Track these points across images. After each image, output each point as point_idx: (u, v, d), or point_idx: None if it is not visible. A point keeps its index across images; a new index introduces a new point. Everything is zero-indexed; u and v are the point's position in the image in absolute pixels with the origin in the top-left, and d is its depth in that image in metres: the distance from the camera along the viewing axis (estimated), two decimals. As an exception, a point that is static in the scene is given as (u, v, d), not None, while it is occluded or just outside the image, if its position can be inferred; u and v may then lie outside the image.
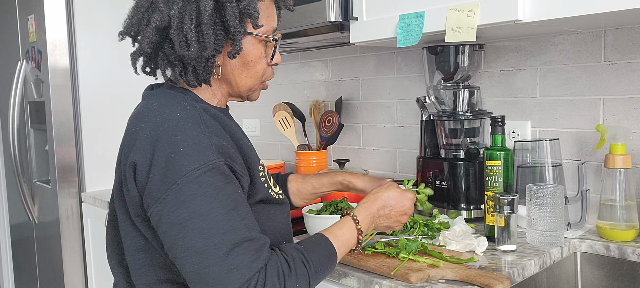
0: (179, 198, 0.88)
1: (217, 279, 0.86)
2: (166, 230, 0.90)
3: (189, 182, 0.89)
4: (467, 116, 1.62)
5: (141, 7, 1.01)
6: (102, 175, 2.42)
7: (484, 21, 1.29)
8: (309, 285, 0.96)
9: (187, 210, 0.88)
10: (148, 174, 0.91)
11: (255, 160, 1.05)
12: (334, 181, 1.36)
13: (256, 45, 1.05)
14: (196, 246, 0.87)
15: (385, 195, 1.16)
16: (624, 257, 1.35)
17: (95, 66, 2.37)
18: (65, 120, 2.35)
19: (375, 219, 1.14)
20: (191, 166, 0.89)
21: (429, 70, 1.70)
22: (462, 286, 1.12)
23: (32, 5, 2.39)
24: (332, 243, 1.03)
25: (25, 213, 2.66)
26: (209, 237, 0.87)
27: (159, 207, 0.90)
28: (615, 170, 1.37)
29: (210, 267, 0.87)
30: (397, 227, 1.19)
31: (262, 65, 1.07)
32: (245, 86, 1.07)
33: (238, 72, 1.05)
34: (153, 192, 0.90)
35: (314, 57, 2.30)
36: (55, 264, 2.45)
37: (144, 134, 0.94)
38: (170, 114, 0.94)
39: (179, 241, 0.88)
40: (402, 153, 2.02)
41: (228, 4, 0.97)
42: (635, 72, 1.45)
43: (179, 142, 0.91)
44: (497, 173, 1.39)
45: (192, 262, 0.88)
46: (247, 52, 1.03)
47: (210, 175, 0.90)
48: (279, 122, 2.16)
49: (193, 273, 0.88)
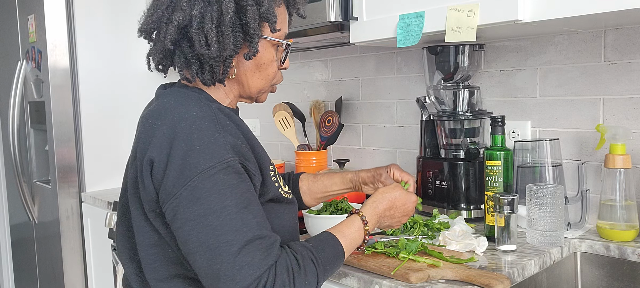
0: (194, 195, 0.91)
1: (228, 276, 0.88)
2: (180, 225, 0.92)
3: (204, 180, 0.91)
4: (467, 116, 1.62)
5: (161, 5, 1.03)
6: (102, 175, 2.42)
7: (484, 21, 1.29)
8: (318, 282, 0.98)
9: (202, 206, 0.90)
10: (165, 171, 0.93)
11: (267, 160, 1.07)
12: (345, 179, 1.38)
13: (269, 48, 1.08)
14: (209, 242, 0.89)
15: (392, 196, 1.19)
16: (624, 257, 1.35)
17: (95, 66, 2.37)
18: (65, 120, 2.35)
19: (380, 219, 1.17)
20: (207, 164, 0.91)
21: (429, 70, 1.70)
22: (462, 286, 1.12)
23: (32, 5, 2.39)
24: (340, 242, 1.05)
25: (25, 213, 2.66)
26: (222, 234, 0.90)
27: (174, 203, 0.92)
28: (615, 170, 1.37)
29: (222, 264, 0.89)
30: (397, 226, 1.23)
31: (273, 68, 1.11)
32: (256, 88, 1.11)
33: (250, 73, 1.08)
34: (169, 188, 0.92)
35: (314, 57, 2.30)
36: (55, 264, 2.45)
37: (160, 131, 0.96)
38: (187, 112, 0.97)
39: (193, 237, 0.90)
40: (402, 153, 2.02)
41: (249, 8, 1.00)
42: (635, 72, 1.45)
43: (195, 140, 0.93)
44: (497, 173, 1.39)
45: (204, 257, 0.90)
46: (261, 54, 1.07)
47: (225, 174, 0.92)
48: (279, 122, 2.16)
49: (205, 268, 0.90)
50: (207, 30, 0.99)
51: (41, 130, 2.49)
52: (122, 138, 2.42)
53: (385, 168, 1.35)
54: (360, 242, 1.11)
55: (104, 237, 2.18)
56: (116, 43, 2.40)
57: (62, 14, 2.31)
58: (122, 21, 2.41)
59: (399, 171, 1.33)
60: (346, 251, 1.06)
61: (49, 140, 2.38)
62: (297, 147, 2.16)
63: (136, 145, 1.01)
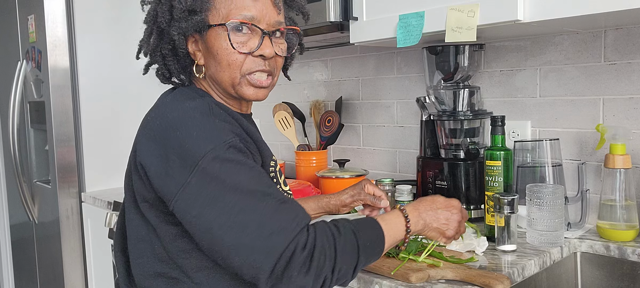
0: (204, 179, 0.88)
1: (261, 246, 0.87)
2: (199, 212, 0.89)
3: (210, 162, 0.89)
4: (467, 116, 1.62)
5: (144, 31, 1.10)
6: (102, 175, 2.42)
7: (484, 21, 1.29)
8: (358, 257, 0.96)
9: (216, 187, 0.88)
10: (165, 164, 0.91)
11: (268, 155, 1.05)
12: (320, 204, 1.37)
13: (219, 36, 1.01)
14: (233, 219, 0.87)
15: (431, 197, 1.17)
16: (624, 257, 1.35)
17: (95, 66, 2.37)
18: (65, 120, 2.35)
19: (422, 214, 1.12)
20: (208, 147, 0.90)
21: (429, 70, 1.70)
22: (462, 286, 1.12)
23: (32, 5, 2.39)
24: (381, 226, 1.03)
25: (25, 213, 2.66)
26: (244, 207, 0.88)
27: (184, 194, 0.89)
28: (615, 170, 1.37)
29: (252, 236, 0.87)
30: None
31: (232, 56, 1.01)
32: (225, 81, 1.04)
33: (214, 68, 1.04)
34: (175, 179, 0.90)
35: (314, 57, 2.30)
36: (55, 264, 2.45)
37: (154, 123, 0.96)
38: (180, 105, 0.98)
39: (214, 220, 0.88)
40: (402, 153, 2.02)
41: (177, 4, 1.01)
42: (635, 72, 1.45)
43: (190, 128, 0.92)
44: (497, 173, 1.39)
45: (231, 235, 0.87)
46: (210, 44, 1.02)
47: (230, 152, 0.91)
48: (279, 122, 2.16)
49: (235, 246, 0.87)
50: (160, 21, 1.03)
51: (41, 130, 2.49)
52: (122, 138, 2.41)
53: (359, 186, 1.33)
54: (401, 236, 1.07)
55: (104, 237, 2.18)
56: (116, 43, 2.40)
57: (62, 14, 2.31)
58: (122, 21, 2.41)
59: (372, 186, 1.32)
60: (387, 237, 1.03)
61: (49, 140, 2.38)
62: (297, 147, 2.16)
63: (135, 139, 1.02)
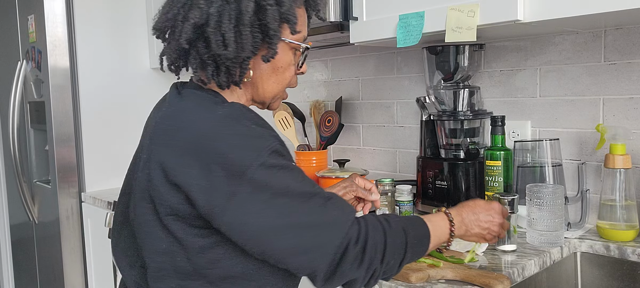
0: (253, 188, 0.88)
1: (318, 243, 0.90)
2: (250, 220, 0.88)
3: (257, 170, 0.88)
4: (467, 116, 1.62)
5: (177, 2, 0.98)
6: (102, 175, 2.42)
7: (484, 21, 1.29)
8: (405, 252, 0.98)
9: (266, 194, 0.88)
10: (207, 177, 0.87)
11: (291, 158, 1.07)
12: None
13: (287, 51, 1.03)
14: (287, 223, 0.89)
15: (473, 201, 1.18)
16: (624, 257, 1.35)
17: (95, 66, 2.37)
18: (65, 120, 2.35)
19: (464, 219, 1.13)
20: (253, 154, 0.88)
21: (429, 70, 1.70)
22: (462, 286, 1.12)
23: (32, 5, 2.39)
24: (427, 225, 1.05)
25: (25, 213, 2.66)
26: (295, 209, 0.90)
27: (233, 205, 0.87)
28: (615, 170, 1.37)
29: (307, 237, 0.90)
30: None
31: (290, 72, 1.06)
32: (271, 92, 1.05)
33: (267, 76, 1.03)
34: (221, 191, 0.87)
35: (314, 57, 2.30)
36: (55, 264, 2.45)
37: (182, 135, 0.91)
38: (210, 113, 0.93)
39: (268, 226, 0.89)
40: (402, 153, 2.02)
41: (269, 8, 0.95)
42: (635, 72, 1.45)
43: (229, 137, 0.89)
44: (497, 173, 1.39)
45: (287, 239, 0.89)
46: (279, 57, 1.01)
47: (274, 158, 0.90)
48: (279, 122, 2.16)
49: (292, 249, 0.90)
50: (224, 30, 0.93)
51: (41, 130, 2.49)
52: (122, 138, 2.41)
53: (350, 179, 1.31)
54: (445, 238, 1.09)
55: (104, 237, 2.18)
56: (116, 43, 2.40)
57: (62, 14, 2.31)
58: (122, 21, 2.41)
59: (362, 179, 1.31)
60: (432, 237, 1.05)
61: (49, 140, 2.38)
62: (297, 147, 2.16)
63: (150, 148, 0.95)
